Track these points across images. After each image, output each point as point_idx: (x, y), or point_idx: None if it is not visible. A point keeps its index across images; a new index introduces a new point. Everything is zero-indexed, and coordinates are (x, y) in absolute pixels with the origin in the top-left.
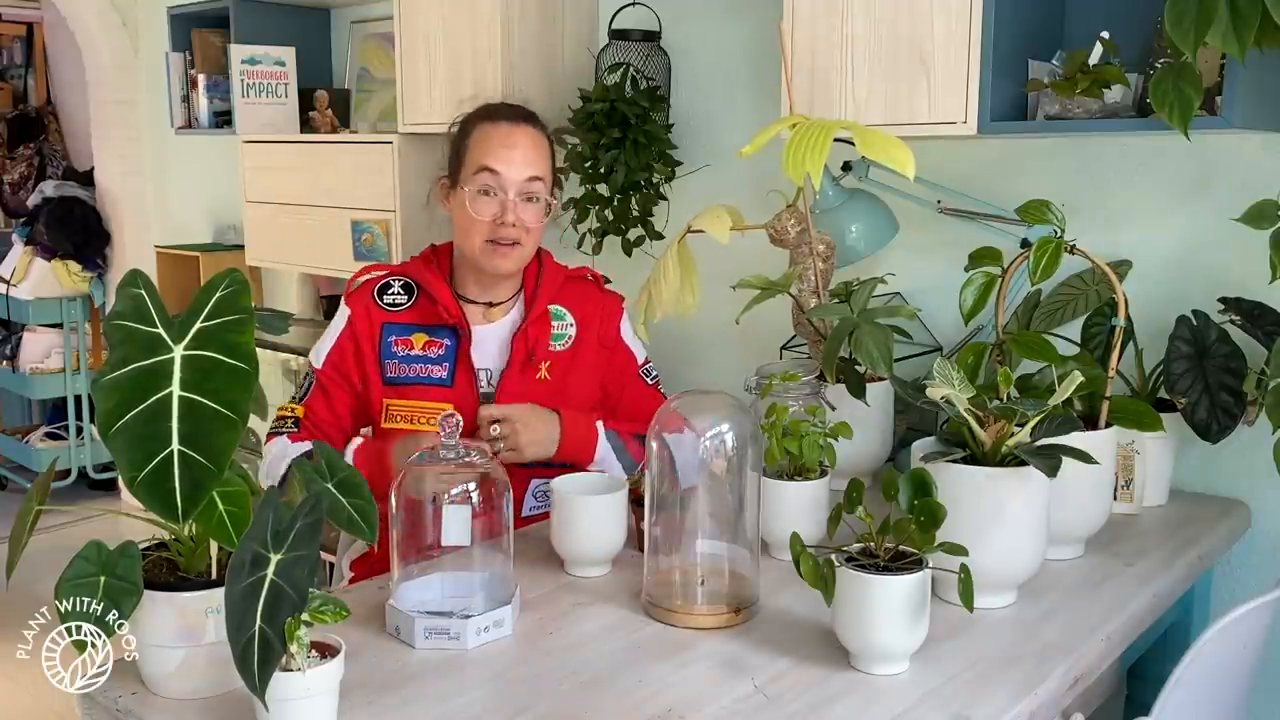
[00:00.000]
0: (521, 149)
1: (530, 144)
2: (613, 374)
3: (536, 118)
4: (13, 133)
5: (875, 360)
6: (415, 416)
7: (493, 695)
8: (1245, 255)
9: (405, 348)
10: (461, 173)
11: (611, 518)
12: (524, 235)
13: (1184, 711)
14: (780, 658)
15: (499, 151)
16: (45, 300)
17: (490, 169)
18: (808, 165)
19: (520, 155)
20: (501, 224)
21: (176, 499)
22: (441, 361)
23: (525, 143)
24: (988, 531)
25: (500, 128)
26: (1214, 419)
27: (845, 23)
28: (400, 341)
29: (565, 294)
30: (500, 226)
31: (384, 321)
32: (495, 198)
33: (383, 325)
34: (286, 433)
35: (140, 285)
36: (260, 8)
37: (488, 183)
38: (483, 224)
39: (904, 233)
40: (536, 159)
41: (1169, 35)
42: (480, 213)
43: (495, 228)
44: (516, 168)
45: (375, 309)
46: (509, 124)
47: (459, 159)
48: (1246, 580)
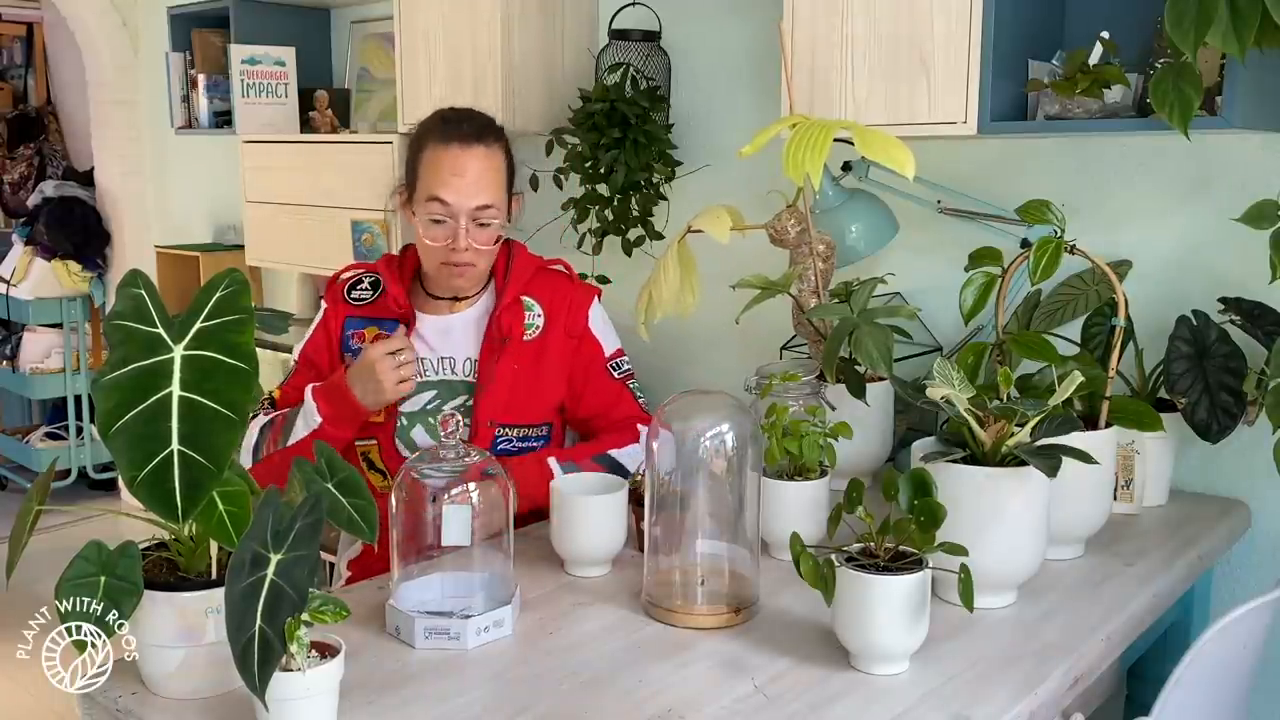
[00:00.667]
0: (471, 177)
1: (479, 170)
2: (578, 365)
3: (491, 130)
4: (13, 133)
5: (875, 360)
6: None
7: (493, 695)
8: (1245, 255)
9: (359, 340)
10: (415, 192)
11: (611, 518)
12: (478, 255)
13: (1184, 711)
14: (780, 658)
15: (449, 181)
16: (45, 300)
17: (440, 199)
18: (808, 165)
19: (469, 184)
20: (454, 249)
21: (176, 499)
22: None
23: (475, 168)
24: (988, 531)
25: (450, 152)
26: (1214, 419)
27: (845, 23)
28: (356, 335)
29: (535, 284)
30: (453, 251)
31: (347, 315)
32: (447, 225)
33: (345, 319)
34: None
35: (140, 285)
36: (260, 8)
37: (437, 213)
38: (437, 248)
39: (904, 233)
40: (486, 185)
41: (1169, 35)
42: (433, 238)
43: (449, 251)
44: (465, 196)
45: (342, 304)
46: (460, 146)
47: (413, 175)
48: (1246, 580)
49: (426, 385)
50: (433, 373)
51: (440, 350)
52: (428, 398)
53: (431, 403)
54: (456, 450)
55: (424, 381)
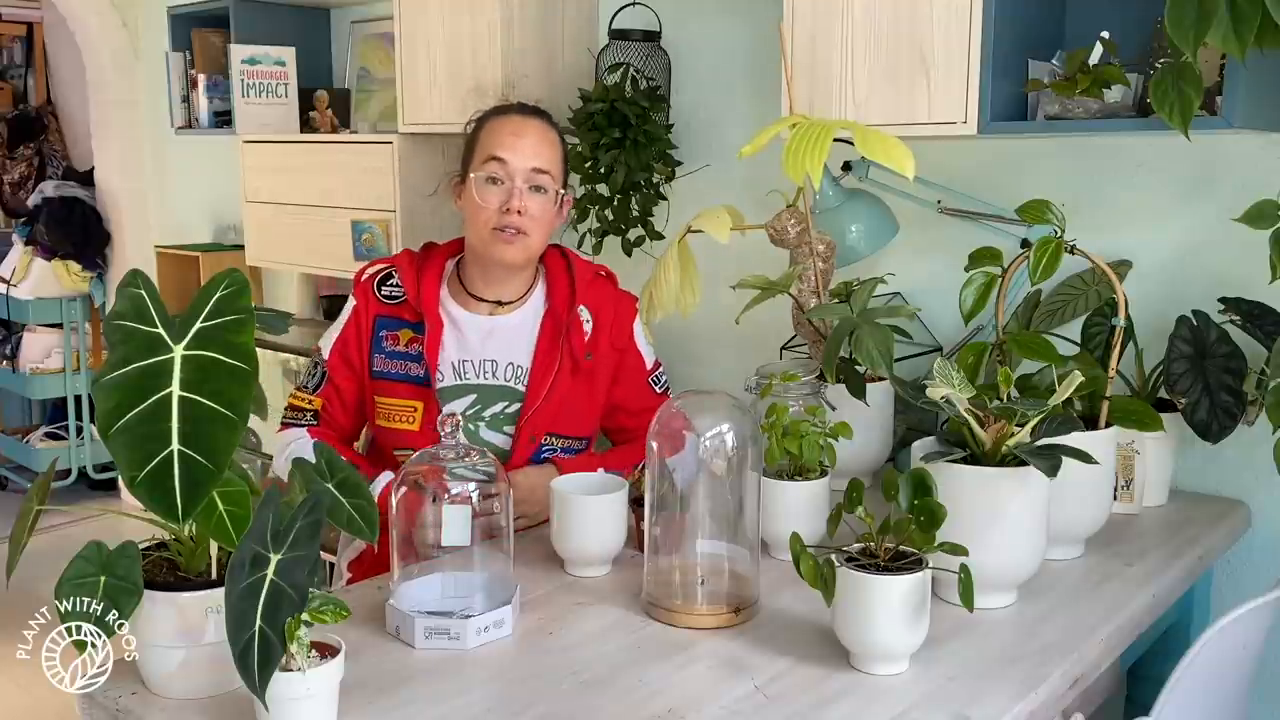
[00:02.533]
0: (530, 139)
1: (539, 136)
2: (622, 376)
3: (548, 115)
4: (13, 133)
5: (875, 360)
6: (393, 414)
7: (493, 695)
8: (1245, 255)
9: (392, 343)
10: (472, 164)
11: (611, 518)
12: (530, 224)
13: (1184, 711)
14: (780, 658)
15: (507, 140)
16: (45, 300)
17: (497, 157)
18: (808, 165)
19: (528, 145)
20: (507, 211)
21: (176, 499)
22: (421, 359)
23: (534, 134)
24: (988, 531)
25: (511, 119)
26: (1214, 419)
27: (845, 23)
28: (389, 336)
29: (589, 293)
30: (506, 214)
31: (377, 314)
32: (502, 185)
33: (375, 318)
34: (306, 425)
35: (140, 285)
36: (260, 8)
37: (495, 171)
38: (489, 212)
39: (904, 233)
40: (544, 150)
41: (1169, 35)
42: (486, 200)
43: (501, 215)
44: (523, 156)
45: (373, 300)
46: (520, 116)
47: (470, 152)
48: (1246, 580)
49: (465, 389)
50: (474, 375)
51: (483, 353)
52: (468, 401)
53: (471, 408)
54: (457, 450)
55: (462, 384)
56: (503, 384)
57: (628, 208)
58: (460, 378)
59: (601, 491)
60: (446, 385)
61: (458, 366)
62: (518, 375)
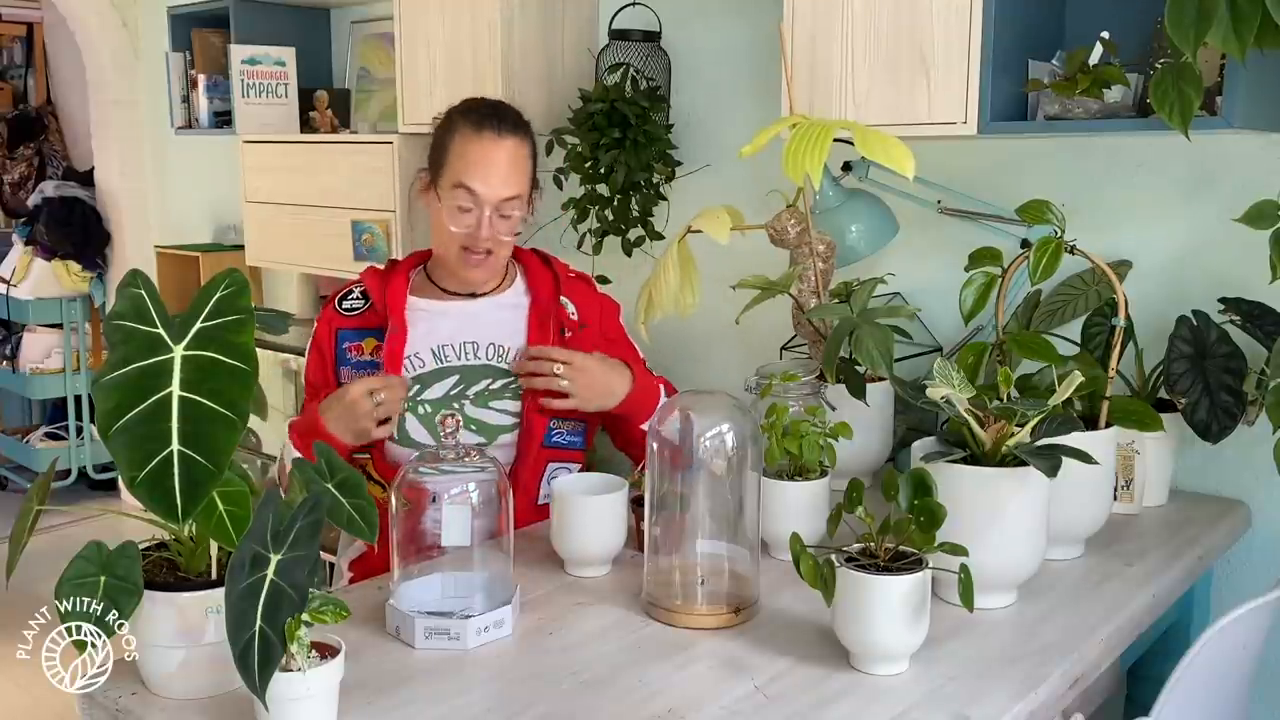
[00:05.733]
0: (500, 168)
1: (510, 161)
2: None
3: (522, 123)
4: (13, 133)
5: (875, 360)
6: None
7: (493, 695)
8: (1245, 255)
9: (356, 353)
10: (440, 178)
11: (611, 518)
12: (498, 244)
13: (1184, 712)
14: (780, 658)
15: (478, 170)
16: (45, 300)
17: (468, 187)
18: (808, 165)
19: (498, 175)
20: (475, 237)
21: (176, 499)
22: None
23: (505, 160)
24: (988, 531)
25: (483, 140)
26: (1214, 419)
27: (845, 23)
28: (353, 347)
29: (569, 288)
30: (474, 239)
31: (338, 328)
32: (471, 213)
33: (337, 331)
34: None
35: (140, 285)
36: (260, 8)
37: (464, 201)
38: (458, 234)
39: (904, 233)
40: (515, 177)
41: (1169, 35)
42: (456, 224)
43: (470, 238)
44: (494, 188)
45: (334, 315)
46: (493, 137)
47: (439, 161)
48: (1246, 580)
49: (448, 371)
50: (455, 358)
51: (462, 335)
52: (451, 382)
53: (455, 388)
54: (456, 450)
55: (444, 367)
56: (485, 363)
57: (628, 208)
58: (441, 361)
59: (601, 491)
60: (427, 370)
61: (438, 351)
62: (500, 354)
